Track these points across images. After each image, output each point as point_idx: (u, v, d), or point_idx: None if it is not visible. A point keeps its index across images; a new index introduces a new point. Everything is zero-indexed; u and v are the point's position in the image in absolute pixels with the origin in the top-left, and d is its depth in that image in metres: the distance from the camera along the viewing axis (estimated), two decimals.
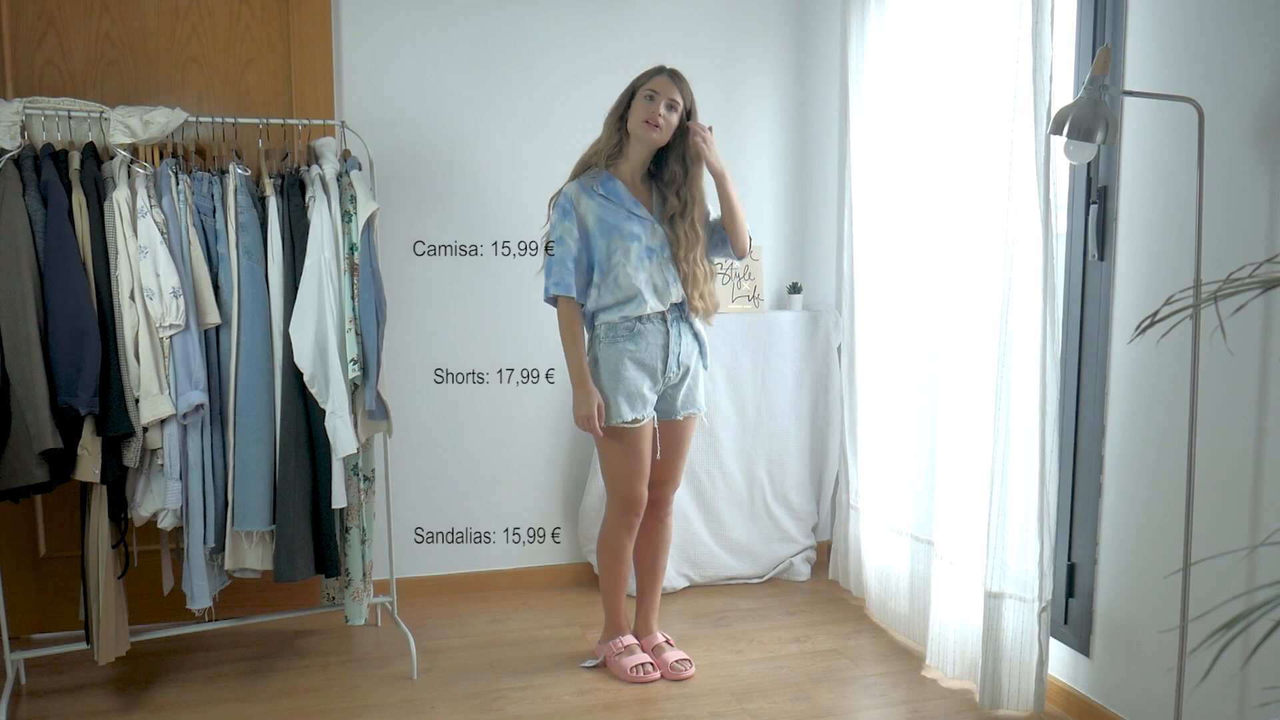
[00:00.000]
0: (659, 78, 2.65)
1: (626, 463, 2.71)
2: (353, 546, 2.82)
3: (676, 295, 2.68)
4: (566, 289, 2.62)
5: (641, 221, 2.67)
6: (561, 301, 2.64)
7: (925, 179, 2.93)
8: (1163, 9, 2.24)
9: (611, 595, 2.88)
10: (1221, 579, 2.08)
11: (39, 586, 3.06)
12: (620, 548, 2.82)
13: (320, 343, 2.64)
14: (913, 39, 2.96)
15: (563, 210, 2.66)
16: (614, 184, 2.68)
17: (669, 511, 2.91)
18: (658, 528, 2.90)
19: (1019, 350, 2.44)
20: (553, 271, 2.64)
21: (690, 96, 2.68)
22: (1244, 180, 2.05)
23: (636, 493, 2.74)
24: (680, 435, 2.80)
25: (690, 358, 2.74)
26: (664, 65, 2.69)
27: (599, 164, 2.69)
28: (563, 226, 2.64)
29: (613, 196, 2.66)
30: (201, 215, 2.63)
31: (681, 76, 2.68)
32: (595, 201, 2.65)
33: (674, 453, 2.81)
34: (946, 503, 2.77)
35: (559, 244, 2.64)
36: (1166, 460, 2.25)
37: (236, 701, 2.69)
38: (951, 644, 2.73)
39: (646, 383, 2.68)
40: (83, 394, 2.42)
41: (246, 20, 3.11)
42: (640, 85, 2.66)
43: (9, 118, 2.51)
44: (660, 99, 2.62)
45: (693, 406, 2.78)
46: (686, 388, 2.76)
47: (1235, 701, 2.07)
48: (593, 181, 2.68)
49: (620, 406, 2.65)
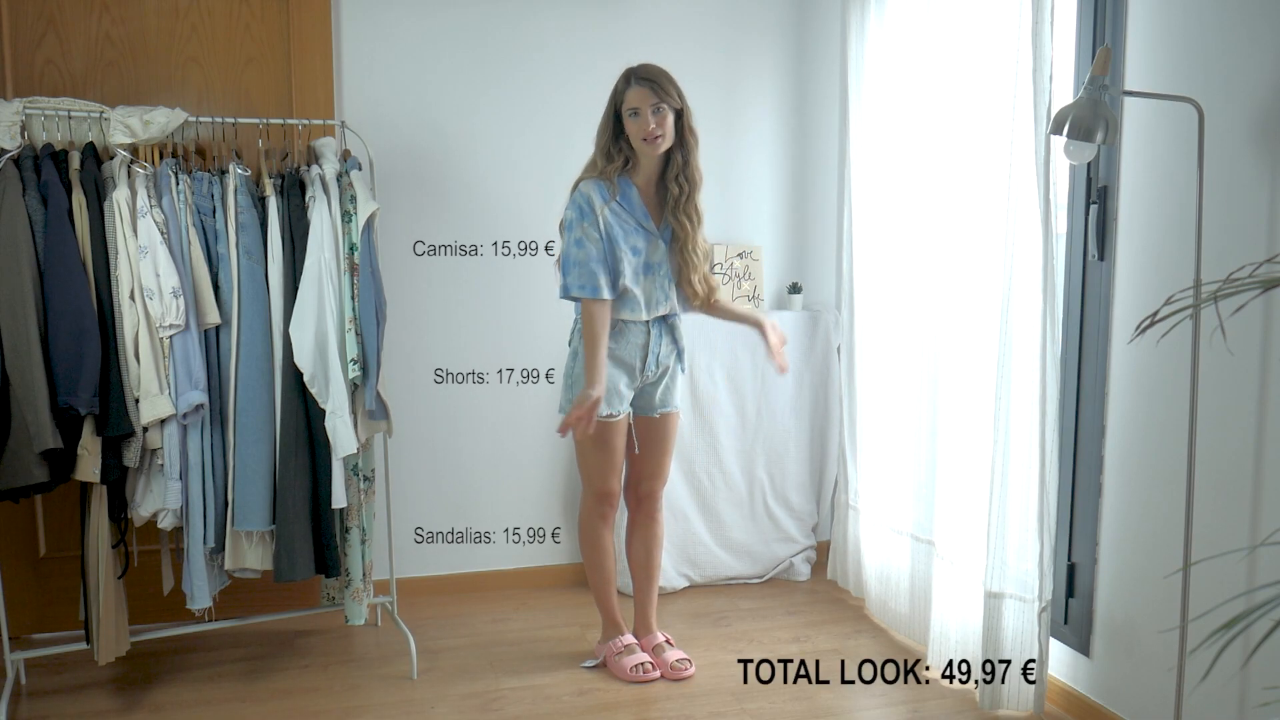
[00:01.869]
0: (631, 91, 2.59)
1: (599, 456, 2.75)
2: (353, 546, 2.82)
3: (663, 309, 2.73)
4: (594, 292, 2.59)
5: (646, 236, 2.69)
6: (586, 302, 2.61)
7: (925, 179, 2.93)
8: (1163, 9, 2.24)
9: (600, 590, 2.90)
10: (1221, 579, 2.08)
11: (39, 586, 3.06)
12: (598, 538, 2.85)
13: (320, 343, 2.64)
14: (913, 39, 2.96)
15: (580, 210, 2.62)
16: (631, 191, 2.69)
17: (658, 508, 2.92)
18: (649, 524, 2.92)
19: (1019, 350, 2.44)
20: (572, 272, 2.61)
21: (667, 90, 2.58)
22: (1244, 180, 2.05)
23: (609, 486, 2.80)
24: (660, 432, 2.84)
25: (669, 359, 2.79)
26: (630, 71, 2.62)
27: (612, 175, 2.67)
28: (581, 228, 2.61)
29: (626, 206, 2.67)
30: (201, 215, 2.63)
31: (652, 74, 2.59)
32: (611, 209, 2.65)
33: (656, 449, 2.85)
34: (947, 503, 2.77)
35: (580, 246, 2.60)
36: (1166, 460, 2.25)
37: (236, 701, 2.69)
38: (952, 644, 2.73)
39: (624, 380, 2.73)
40: (83, 394, 2.42)
41: (246, 20, 3.11)
42: (620, 104, 2.62)
43: (9, 118, 2.51)
44: (644, 110, 2.58)
45: (669, 405, 2.82)
46: (664, 387, 2.80)
47: (1235, 701, 2.07)
48: (612, 188, 2.65)
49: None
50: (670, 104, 2.60)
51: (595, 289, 2.59)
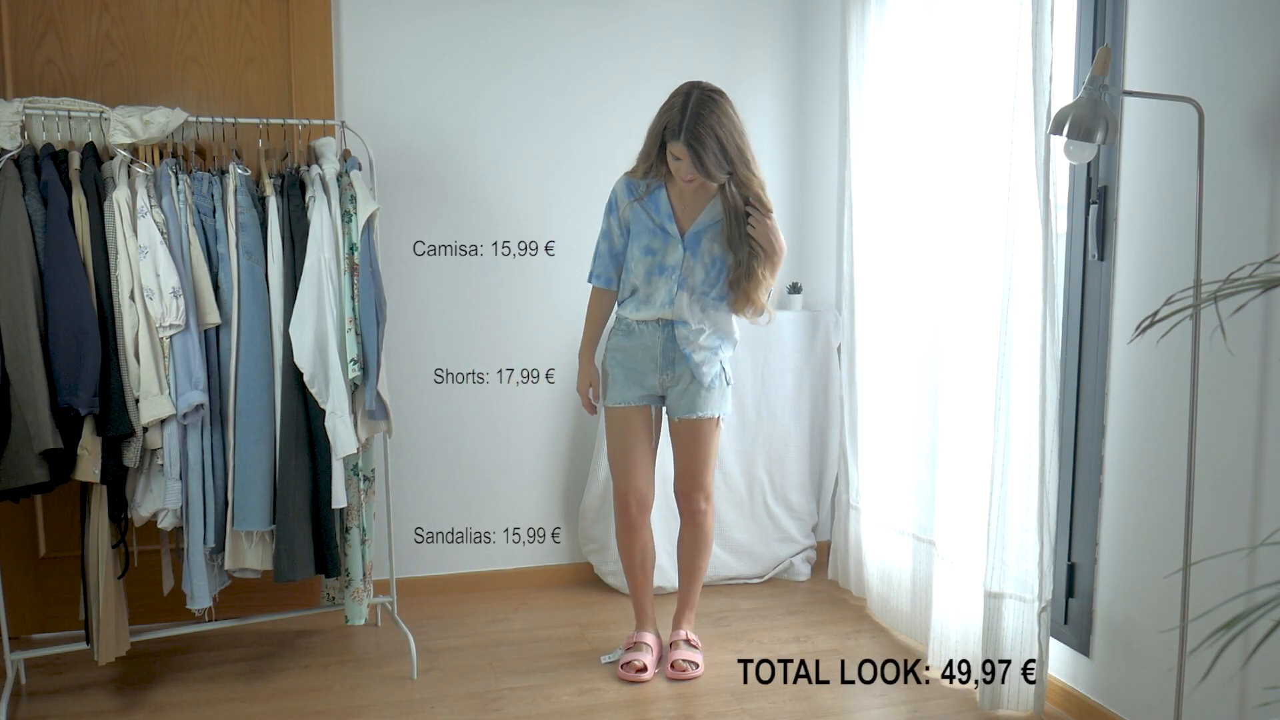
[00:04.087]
0: (676, 146, 2.52)
1: (613, 445, 2.83)
2: (353, 546, 2.82)
3: (669, 315, 2.72)
4: (598, 280, 2.84)
5: (665, 238, 2.70)
6: (594, 288, 2.86)
7: (925, 179, 2.93)
8: (1163, 9, 2.24)
9: (630, 586, 2.96)
10: (1221, 579, 2.08)
11: (39, 586, 3.06)
12: (624, 533, 2.88)
13: (320, 343, 2.64)
14: (913, 39, 2.96)
15: (609, 207, 2.78)
16: (659, 194, 2.71)
17: (700, 512, 2.87)
18: (690, 528, 2.92)
19: (1019, 350, 2.44)
20: (595, 261, 2.84)
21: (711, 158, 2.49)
22: (1244, 180, 2.05)
23: (628, 481, 2.81)
24: (686, 436, 2.81)
25: (691, 368, 2.74)
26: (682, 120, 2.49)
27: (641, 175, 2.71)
28: (607, 222, 2.80)
29: (650, 207, 2.71)
30: (201, 215, 2.63)
31: (701, 135, 2.47)
32: (635, 209, 2.73)
33: (683, 452, 2.84)
34: (947, 502, 2.77)
35: (604, 238, 2.81)
36: (1166, 460, 2.25)
37: (236, 701, 2.69)
38: (952, 644, 2.73)
39: (634, 376, 2.77)
40: (83, 394, 2.42)
41: (246, 20, 3.11)
42: (666, 139, 2.55)
43: (9, 118, 2.51)
44: (683, 166, 2.55)
45: (691, 412, 2.77)
46: (688, 395, 2.77)
47: (1235, 701, 2.07)
48: (641, 187, 2.72)
49: (608, 391, 2.83)
50: (717, 167, 2.52)
51: (599, 278, 2.83)
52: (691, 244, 2.70)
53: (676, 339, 2.73)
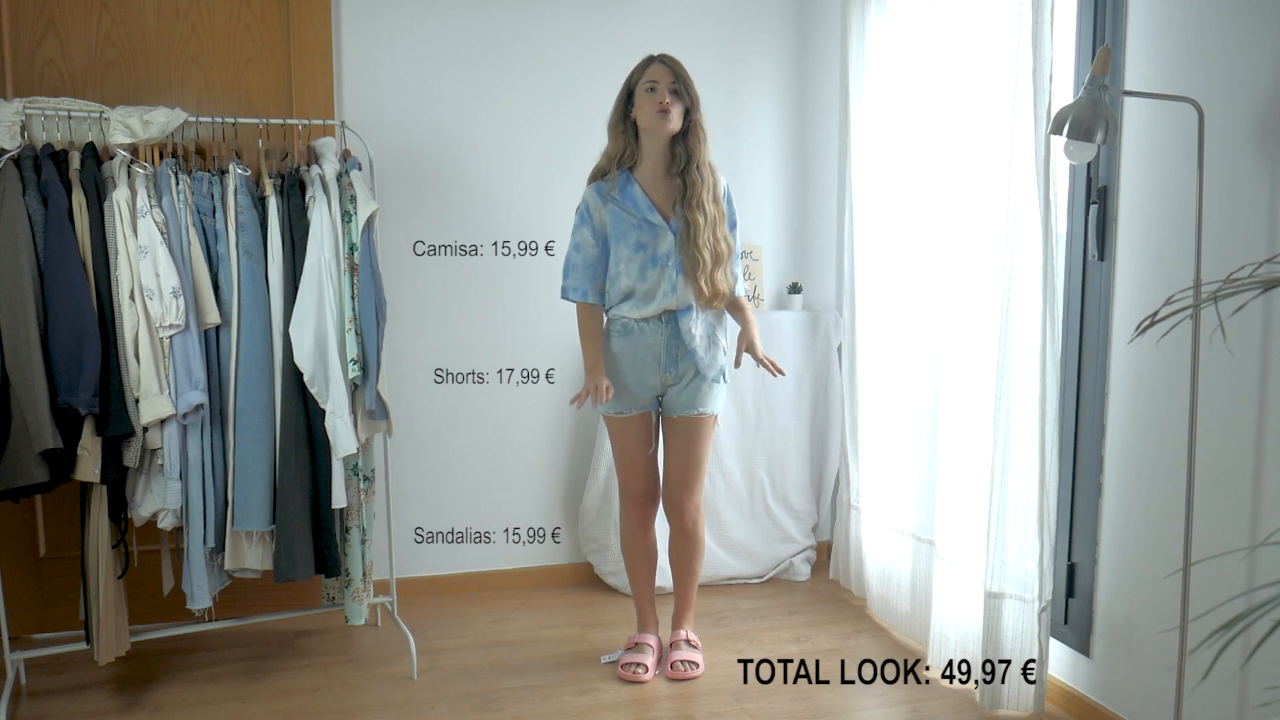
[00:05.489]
0: (653, 68, 2.66)
1: (618, 452, 2.83)
2: (353, 546, 2.82)
3: (674, 304, 2.68)
4: (580, 295, 2.75)
5: (652, 229, 2.67)
6: (578, 305, 2.78)
7: (925, 179, 2.93)
8: (1163, 9, 2.24)
9: (632, 588, 2.96)
10: (1221, 579, 2.08)
11: (39, 586, 3.06)
12: (628, 536, 2.89)
13: (320, 343, 2.64)
14: (913, 39, 2.96)
15: (581, 217, 2.74)
16: (632, 188, 2.69)
17: (690, 521, 2.82)
18: (680, 537, 2.87)
19: (1019, 350, 2.44)
20: (569, 275, 2.76)
21: (686, 77, 2.66)
22: (1244, 180, 2.05)
23: (633, 486, 2.83)
24: (681, 435, 2.77)
25: (687, 362, 2.72)
26: (652, 54, 2.70)
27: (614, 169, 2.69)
28: (580, 234, 2.73)
29: (628, 203, 2.68)
30: (201, 215, 2.63)
31: (674, 60, 2.67)
32: (610, 209, 2.69)
33: (677, 452, 2.79)
34: (947, 502, 2.77)
35: (577, 250, 2.74)
36: (1166, 460, 2.25)
37: (236, 701, 2.69)
38: (952, 644, 2.73)
39: (636, 379, 2.73)
40: (83, 394, 2.43)
41: (246, 20, 3.11)
42: (637, 80, 2.67)
43: (9, 118, 2.51)
44: (662, 87, 2.62)
45: (691, 408, 2.74)
46: (688, 391, 2.74)
47: (1235, 701, 2.07)
48: (611, 186, 2.69)
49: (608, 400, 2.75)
50: (687, 91, 2.65)
51: (579, 293, 2.75)
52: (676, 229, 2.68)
53: (680, 332, 2.70)
